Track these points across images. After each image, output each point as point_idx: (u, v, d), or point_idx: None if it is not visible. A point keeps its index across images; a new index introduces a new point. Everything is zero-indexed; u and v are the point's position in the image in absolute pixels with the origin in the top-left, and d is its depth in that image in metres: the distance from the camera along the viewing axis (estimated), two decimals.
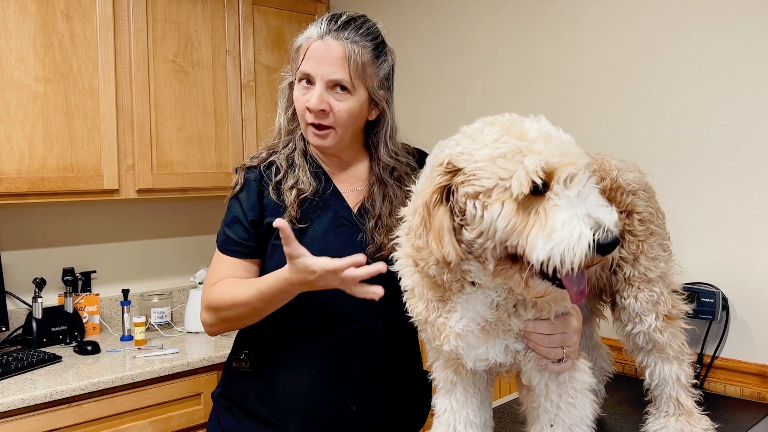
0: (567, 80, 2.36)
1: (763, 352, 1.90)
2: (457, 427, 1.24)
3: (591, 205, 0.92)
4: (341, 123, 1.40)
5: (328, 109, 1.38)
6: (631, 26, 2.16)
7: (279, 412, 1.47)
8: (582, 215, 0.90)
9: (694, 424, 1.42)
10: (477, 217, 0.95)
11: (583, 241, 0.89)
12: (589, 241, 0.89)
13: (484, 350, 1.11)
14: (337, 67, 1.37)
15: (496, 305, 1.07)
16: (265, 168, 1.49)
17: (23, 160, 2.38)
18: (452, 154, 0.98)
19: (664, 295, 1.41)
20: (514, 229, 0.92)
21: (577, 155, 0.95)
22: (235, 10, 2.91)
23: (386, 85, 1.47)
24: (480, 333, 1.09)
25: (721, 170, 1.98)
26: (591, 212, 0.91)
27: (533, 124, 0.98)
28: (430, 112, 2.81)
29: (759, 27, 1.88)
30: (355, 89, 1.39)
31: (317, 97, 1.37)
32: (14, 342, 2.64)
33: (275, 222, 1.24)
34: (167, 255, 3.18)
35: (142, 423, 2.35)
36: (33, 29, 2.39)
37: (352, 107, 1.39)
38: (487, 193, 0.94)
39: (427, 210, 0.98)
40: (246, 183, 1.49)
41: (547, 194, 0.93)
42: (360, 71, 1.38)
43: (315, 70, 1.38)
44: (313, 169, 1.49)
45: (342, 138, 1.43)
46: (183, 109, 2.77)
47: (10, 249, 2.72)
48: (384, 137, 1.49)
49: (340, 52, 1.37)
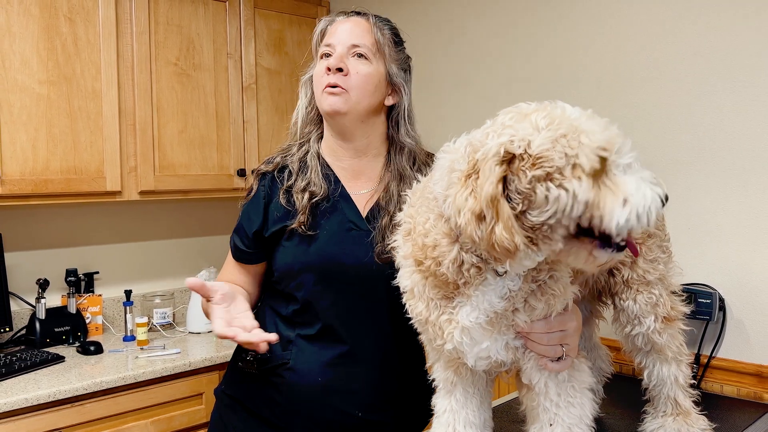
0: (564, 83, 2.37)
1: (760, 352, 1.91)
2: (456, 427, 1.24)
3: (641, 171, 1.00)
4: (357, 86, 1.41)
5: (346, 70, 1.41)
6: (632, 26, 2.18)
7: (284, 415, 1.47)
8: (645, 179, 0.98)
9: (692, 424, 1.43)
10: (552, 198, 0.95)
11: (656, 200, 0.97)
12: (661, 197, 0.97)
13: (486, 346, 1.11)
14: (360, 35, 1.43)
15: (508, 296, 1.08)
16: (278, 173, 1.51)
17: (27, 162, 2.39)
18: (504, 143, 0.98)
19: (663, 297, 1.41)
20: (592, 202, 0.96)
21: (616, 130, 1.00)
22: (237, 13, 2.93)
23: (403, 75, 1.50)
24: (486, 326, 1.10)
25: (719, 172, 1.99)
26: (644, 177, 0.98)
27: (566, 106, 1.02)
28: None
29: (758, 30, 1.90)
30: (374, 59, 1.43)
31: (336, 57, 1.42)
32: (18, 342, 2.65)
33: (187, 284, 1.29)
34: (169, 256, 3.20)
35: (144, 422, 2.37)
36: (36, 32, 2.40)
37: (370, 72, 1.43)
38: (559, 172, 0.95)
39: (495, 202, 0.97)
40: (255, 191, 1.51)
41: (606, 166, 0.97)
42: (380, 44, 1.44)
43: (339, 38, 1.44)
44: (324, 170, 1.49)
45: (356, 106, 1.42)
46: (185, 111, 2.79)
47: (14, 250, 2.73)
48: (403, 118, 1.51)
49: (365, 23, 1.46)
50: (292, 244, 1.44)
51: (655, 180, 0.99)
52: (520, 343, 1.13)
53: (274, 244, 1.48)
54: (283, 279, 1.48)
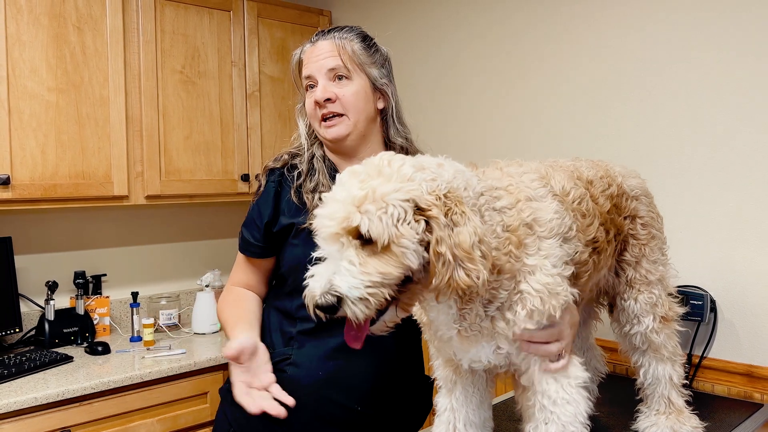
0: (559, 90, 2.41)
1: (749, 352, 1.94)
2: (456, 426, 1.27)
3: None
4: (350, 106, 1.47)
5: (334, 97, 1.47)
6: (622, 37, 2.21)
7: (288, 410, 1.48)
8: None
9: (684, 422, 1.45)
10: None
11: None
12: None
13: (475, 352, 1.15)
14: (330, 57, 1.48)
15: (459, 316, 1.10)
16: (288, 170, 1.54)
17: (36, 168, 2.43)
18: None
19: (662, 298, 1.44)
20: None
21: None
22: (241, 22, 2.97)
23: (385, 73, 1.54)
24: (459, 340, 1.12)
25: (709, 175, 2.02)
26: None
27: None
28: (428, 122, 2.86)
29: (747, 37, 1.93)
30: (353, 75, 1.48)
31: (321, 89, 1.47)
32: (27, 343, 2.68)
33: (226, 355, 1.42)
34: (175, 259, 3.23)
35: (150, 421, 2.39)
36: (46, 41, 2.45)
37: (356, 90, 1.48)
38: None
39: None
40: (266, 186, 1.54)
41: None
42: (352, 57, 1.49)
43: (313, 68, 1.49)
44: (332, 172, 1.53)
45: (356, 125, 1.49)
46: (190, 118, 2.83)
47: (24, 253, 2.77)
48: (393, 118, 1.56)
49: (331, 45, 1.49)
50: (301, 241, 1.48)
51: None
52: (512, 348, 1.14)
53: (282, 241, 1.52)
54: (292, 273, 1.52)
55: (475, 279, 0.97)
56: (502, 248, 1.06)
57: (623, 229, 1.39)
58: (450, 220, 0.98)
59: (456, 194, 1.01)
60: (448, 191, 1.00)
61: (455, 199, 1.00)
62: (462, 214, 0.98)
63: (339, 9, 3.29)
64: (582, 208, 1.22)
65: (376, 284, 0.97)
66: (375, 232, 0.95)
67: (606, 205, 1.31)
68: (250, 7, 3.00)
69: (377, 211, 0.96)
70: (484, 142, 2.68)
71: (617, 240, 1.38)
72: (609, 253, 1.34)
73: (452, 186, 1.02)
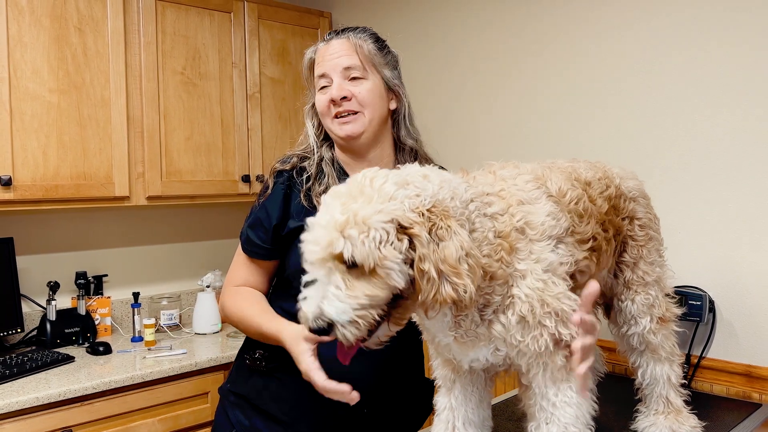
0: (557, 91, 2.41)
1: (748, 352, 1.95)
2: (456, 425, 1.27)
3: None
4: (366, 103, 1.47)
5: (349, 95, 1.46)
6: (620, 37, 2.22)
7: (291, 411, 1.50)
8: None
9: (682, 422, 1.46)
10: None
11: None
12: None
13: (474, 354, 1.15)
14: (347, 56, 1.48)
15: (454, 323, 1.11)
16: (297, 173, 1.53)
17: (38, 169, 2.43)
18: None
19: (659, 299, 1.44)
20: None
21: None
22: (241, 24, 2.98)
23: (397, 75, 1.55)
24: (457, 345, 1.13)
25: (708, 176, 2.02)
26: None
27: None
28: (425, 122, 2.86)
29: (746, 39, 1.94)
30: (368, 74, 1.48)
31: (337, 87, 1.47)
32: (29, 343, 2.69)
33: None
34: (176, 259, 3.24)
35: (151, 421, 2.40)
36: (47, 43, 2.45)
37: (372, 87, 1.48)
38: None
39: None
40: (274, 187, 1.53)
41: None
42: (368, 57, 1.49)
43: (328, 66, 1.48)
44: (341, 176, 1.53)
45: (371, 122, 1.48)
46: (191, 119, 2.84)
47: (26, 254, 2.78)
48: (404, 120, 1.56)
49: (347, 44, 1.49)
50: None
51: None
52: (506, 350, 1.14)
53: (288, 243, 1.50)
54: (297, 276, 1.50)
55: (462, 293, 0.97)
56: (494, 255, 1.07)
57: (622, 230, 1.40)
58: (435, 235, 0.98)
59: (442, 207, 1.01)
60: (433, 205, 1.00)
61: (440, 213, 0.99)
62: (447, 229, 0.98)
63: (339, 10, 3.30)
64: (579, 209, 1.22)
65: (364, 306, 0.99)
66: (359, 257, 0.96)
67: (604, 206, 1.31)
68: (251, 8, 3.01)
69: (359, 235, 0.96)
70: (482, 142, 2.69)
71: (617, 240, 1.38)
72: (609, 253, 1.35)
73: (438, 198, 1.01)
